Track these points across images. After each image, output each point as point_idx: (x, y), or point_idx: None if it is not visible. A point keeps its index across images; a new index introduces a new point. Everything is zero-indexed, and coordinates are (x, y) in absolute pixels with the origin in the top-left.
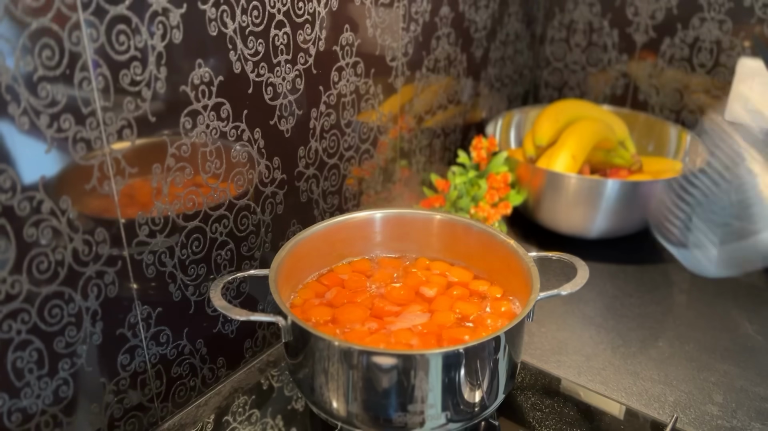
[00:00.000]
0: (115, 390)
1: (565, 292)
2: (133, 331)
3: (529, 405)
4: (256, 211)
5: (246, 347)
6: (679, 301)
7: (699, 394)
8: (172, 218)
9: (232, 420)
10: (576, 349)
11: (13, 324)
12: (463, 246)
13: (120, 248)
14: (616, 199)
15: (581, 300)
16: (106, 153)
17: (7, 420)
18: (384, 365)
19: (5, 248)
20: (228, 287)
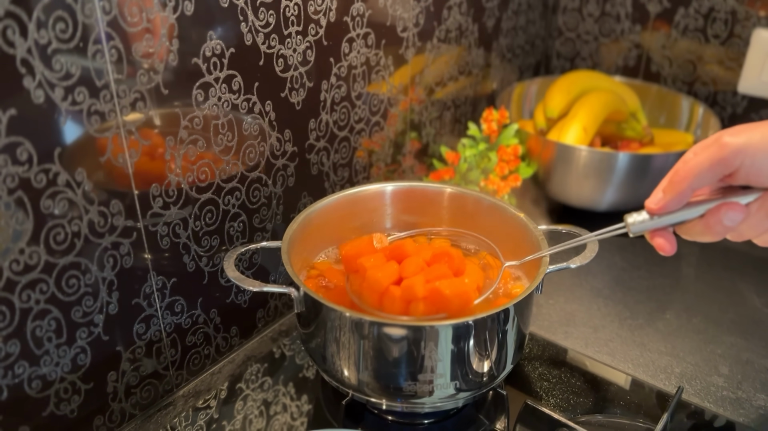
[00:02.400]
0: (131, 359)
1: (575, 265)
2: (149, 301)
3: (537, 375)
4: (267, 184)
5: (258, 317)
6: (687, 274)
7: (705, 366)
8: (186, 190)
9: (245, 387)
10: (584, 321)
11: (31, 294)
12: (472, 219)
13: (135, 220)
14: (626, 172)
15: (590, 273)
16: (119, 125)
17: (28, 386)
18: (394, 336)
19: (23, 220)
20: (241, 258)
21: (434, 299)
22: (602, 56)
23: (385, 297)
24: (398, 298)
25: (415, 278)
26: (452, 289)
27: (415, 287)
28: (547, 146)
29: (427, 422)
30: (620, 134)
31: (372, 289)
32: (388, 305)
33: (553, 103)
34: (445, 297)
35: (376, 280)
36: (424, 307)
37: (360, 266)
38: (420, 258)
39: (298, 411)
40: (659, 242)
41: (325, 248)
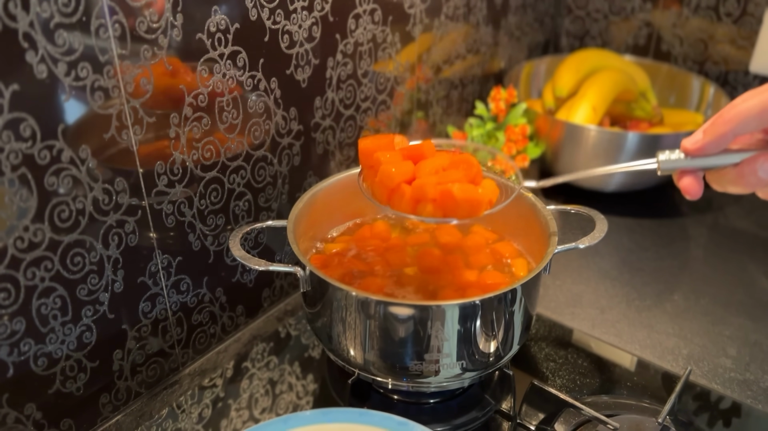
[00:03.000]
0: (137, 337)
1: (583, 245)
2: (154, 280)
3: (543, 356)
4: (273, 162)
5: (264, 296)
6: (695, 256)
7: (713, 347)
8: (190, 168)
9: (251, 366)
10: (591, 302)
11: (36, 272)
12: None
13: (140, 198)
14: (636, 152)
15: (597, 254)
16: (123, 102)
17: (34, 364)
18: (401, 315)
19: (27, 197)
20: (246, 238)
21: (444, 202)
22: (612, 35)
23: (395, 194)
24: (408, 197)
25: (427, 178)
26: (464, 194)
27: (426, 187)
28: (556, 126)
29: (432, 401)
30: (629, 114)
31: (383, 184)
32: (396, 202)
33: (562, 81)
34: (456, 200)
35: (388, 175)
36: (433, 209)
37: (375, 160)
38: (437, 161)
39: (304, 391)
40: (687, 183)
41: (331, 228)
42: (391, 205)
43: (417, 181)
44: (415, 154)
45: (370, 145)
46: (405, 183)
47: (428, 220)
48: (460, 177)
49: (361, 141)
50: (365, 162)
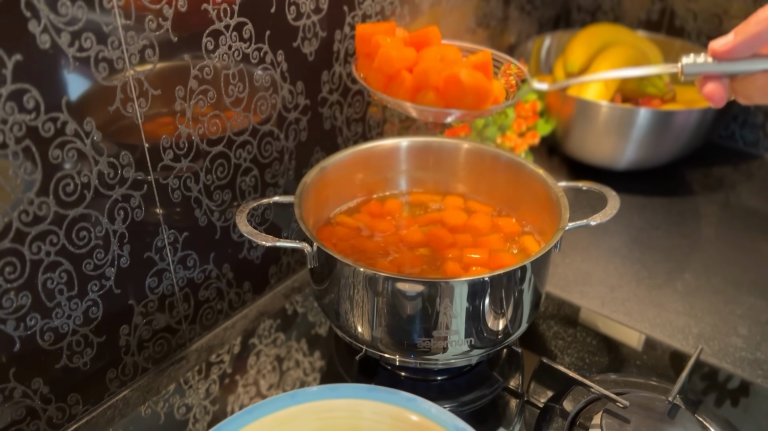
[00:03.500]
0: (143, 312)
1: (594, 222)
2: (161, 255)
3: (552, 334)
4: (279, 137)
5: (271, 273)
6: (707, 234)
7: (724, 326)
8: (196, 142)
9: (258, 342)
10: (600, 280)
11: (42, 246)
12: (489, 175)
13: (145, 172)
14: (647, 129)
15: (607, 232)
16: (128, 74)
17: (40, 338)
18: (409, 292)
19: (31, 170)
20: (252, 214)
21: (449, 89)
22: (624, 9)
23: (394, 81)
24: (408, 84)
25: (432, 63)
26: (472, 80)
27: (429, 72)
28: (567, 102)
29: (440, 378)
30: (641, 91)
31: (381, 70)
32: (394, 90)
33: (574, 57)
34: (462, 87)
35: (387, 60)
36: (435, 98)
37: (374, 45)
38: (444, 49)
39: (311, 367)
40: (711, 89)
41: (339, 205)
42: (387, 92)
43: (420, 65)
44: (419, 41)
45: (369, 29)
46: (406, 70)
47: (428, 110)
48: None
49: (359, 26)
50: (362, 48)
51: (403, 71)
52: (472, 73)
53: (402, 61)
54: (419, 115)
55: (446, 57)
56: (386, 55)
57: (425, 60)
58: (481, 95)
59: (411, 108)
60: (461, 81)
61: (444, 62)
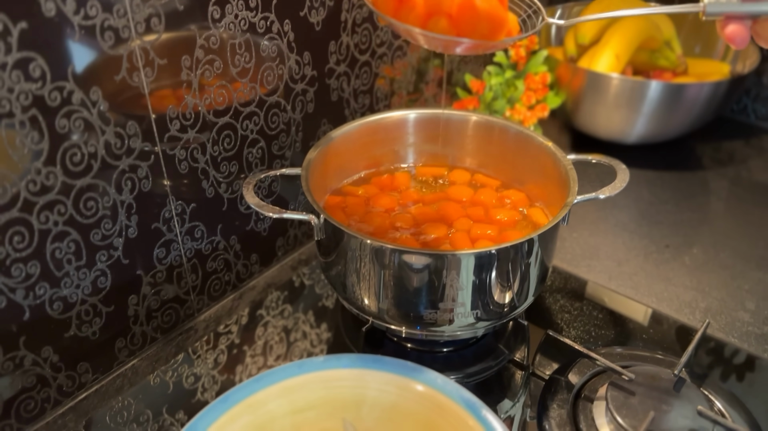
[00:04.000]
0: (152, 283)
1: (603, 196)
2: (168, 226)
3: (558, 308)
4: (286, 109)
5: (278, 245)
6: (716, 209)
7: (731, 301)
8: (203, 113)
9: (266, 313)
10: (608, 255)
11: (50, 216)
12: (497, 148)
13: (152, 143)
14: (658, 102)
15: (616, 206)
16: (134, 43)
17: (49, 308)
18: (416, 264)
19: (38, 139)
20: (260, 186)
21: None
22: None
23: (405, 4)
24: (419, 9)
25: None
26: (487, 6)
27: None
28: (578, 74)
29: (446, 350)
30: (653, 63)
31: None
32: (404, 14)
33: (585, 28)
34: (477, 13)
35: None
36: (446, 25)
37: None
38: None
39: (318, 339)
40: (733, 30)
41: (346, 177)
42: (398, 17)
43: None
44: None
45: None
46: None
47: (439, 37)
48: None
49: None
50: None
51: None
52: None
53: None
54: (428, 43)
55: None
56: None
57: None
58: (496, 24)
59: (420, 35)
60: (476, 7)
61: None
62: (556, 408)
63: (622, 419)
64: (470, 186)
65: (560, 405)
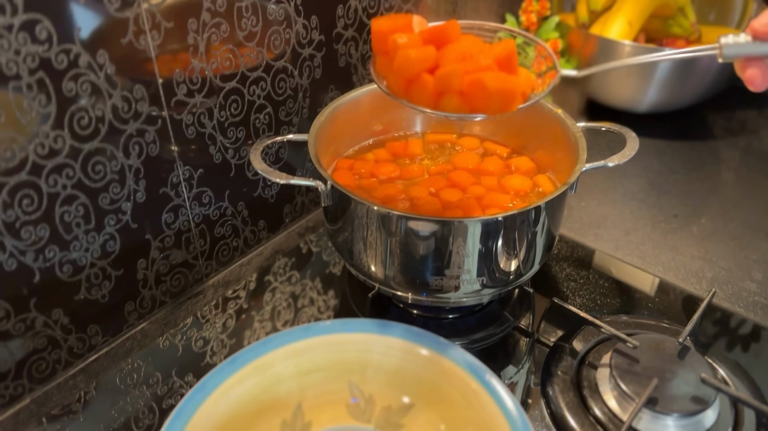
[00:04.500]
0: (160, 247)
1: (612, 164)
2: (176, 191)
3: (564, 276)
4: (293, 74)
5: (285, 212)
6: (726, 179)
7: (738, 271)
8: (210, 77)
9: (273, 279)
10: (615, 224)
11: (58, 179)
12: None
13: (159, 107)
14: (670, 71)
15: (624, 176)
16: (141, 6)
17: (59, 270)
18: (422, 230)
19: (46, 102)
20: (267, 152)
21: (473, 94)
22: None
23: (415, 85)
24: (430, 88)
25: (454, 66)
26: (497, 83)
27: (452, 77)
28: (589, 40)
29: (451, 317)
30: (666, 30)
31: (401, 73)
32: (416, 95)
33: None
34: (488, 92)
35: (407, 62)
36: (459, 103)
37: (391, 44)
38: (464, 45)
39: (325, 305)
40: (752, 73)
41: (353, 144)
42: (408, 97)
43: (441, 69)
44: (438, 38)
45: (384, 26)
46: (427, 72)
47: (452, 116)
48: (491, 63)
49: (374, 21)
50: (379, 46)
51: (424, 74)
52: (497, 77)
53: (422, 62)
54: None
55: (468, 55)
56: (405, 57)
57: (446, 62)
58: (508, 98)
59: (434, 114)
60: (487, 87)
61: (467, 62)
62: (560, 375)
63: (625, 385)
64: (479, 154)
65: (564, 372)
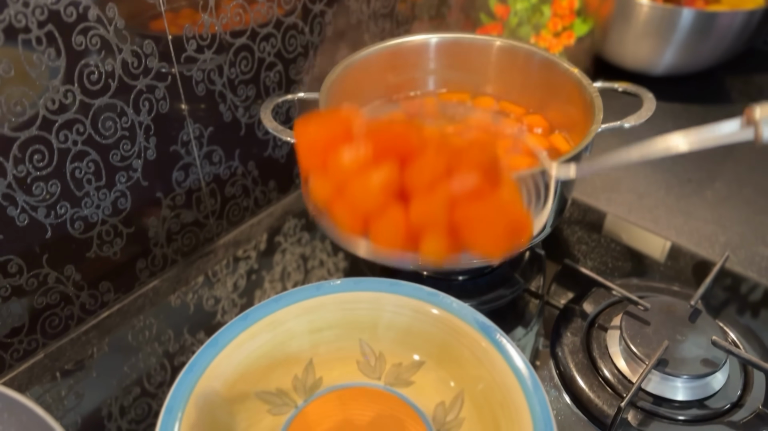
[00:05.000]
0: (171, 205)
1: (628, 125)
2: (186, 149)
3: (575, 239)
4: (304, 31)
5: (295, 173)
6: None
7: (752, 236)
8: (220, 33)
9: (284, 240)
10: (629, 188)
11: (69, 135)
12: (521, 75)
13: (169, 63)
14: (689, 31)
15: (639, 139)
16: None
17: (71, 227)
18: None
19: (55, 56)
20: (277, 111)
21: (468, 230)
22: None
23: (379, 221)
24: (400, 226)
25: (429, 201)
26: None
27: (433, 215)
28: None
29: (461, 278)
30: None
31: (353, 206)
32: (380, 233)
33: None
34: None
35: (365, 194)
36: (442, 244)
37: (334, 166)
38: (434, 163)
39: (335, 267)
40: None
41: (365, 104)
42: (370, 236)
43: (416, 205)
44: (396, 146)
45: (315, 135)
46: (393, 202)
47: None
48: (475, 181)
49: (298, 128)
50: (311, 162)
51: (391, 208)
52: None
53: (383, 190)
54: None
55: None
56: (362, 188)
57: (417, 189)
58: (517, 235)
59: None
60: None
61: (443, 189)
62: (570, 336)
63: (635, 347)
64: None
65: (574, 333)
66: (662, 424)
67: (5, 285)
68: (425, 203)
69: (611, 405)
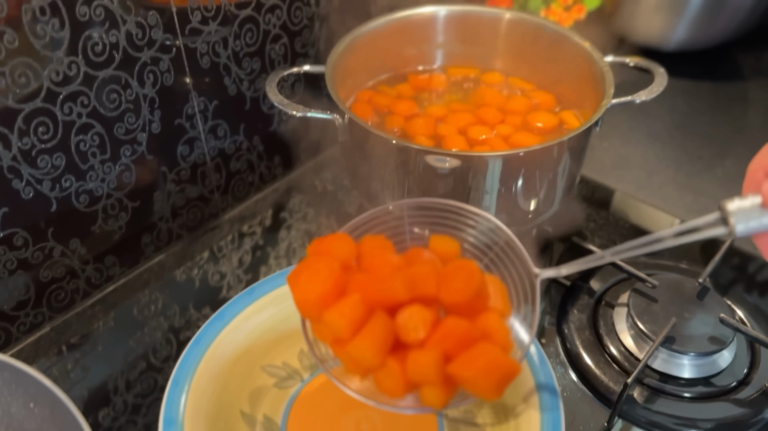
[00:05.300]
0: (176, 180)
1: (639, 100)
2: (191, 122)
3: (584, 216)
4: (310, 3)
5: (301, 149)
6: (753, 121)
7: None
8: (224, 4)
9: (289, 216)
10: (638, 165)
11: (73, 107)
12: (531, 49)
13: (173, 35)
14: (702, 6)
15: (649, 116)
16: None
17: (76, 200)
18: (441, 166)
19: (59, 27)
20: (282, 85)
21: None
22: None
23: (378, 374)
24: (398, 378)
25: (426, 356)
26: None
27: (430, 368)
28: None
29: None
30: None
31: (353, 365)
32: (379, 383)
33: None
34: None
35: (361, 356)
36: (444, 395)
37: (328, 325)
38: (427, 313)
39: None
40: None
41: (371, 78)
42: (377, 382)
43: (411, 365)
44: (384, 301)
45: (307, 294)
46: (389, 358)
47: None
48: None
49: (290, 280)
50: (306, 313)
51: (389, 361)
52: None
53: (382, 350)
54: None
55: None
56: (357, 351)
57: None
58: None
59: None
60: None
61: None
62: (576, 313)
63: (643, 324)
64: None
65: (580, 310)
66: (668, 401)
67: (11, 258)
68: (418, 363)
69: (617, 382)
